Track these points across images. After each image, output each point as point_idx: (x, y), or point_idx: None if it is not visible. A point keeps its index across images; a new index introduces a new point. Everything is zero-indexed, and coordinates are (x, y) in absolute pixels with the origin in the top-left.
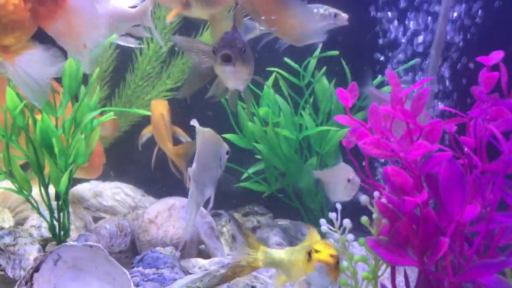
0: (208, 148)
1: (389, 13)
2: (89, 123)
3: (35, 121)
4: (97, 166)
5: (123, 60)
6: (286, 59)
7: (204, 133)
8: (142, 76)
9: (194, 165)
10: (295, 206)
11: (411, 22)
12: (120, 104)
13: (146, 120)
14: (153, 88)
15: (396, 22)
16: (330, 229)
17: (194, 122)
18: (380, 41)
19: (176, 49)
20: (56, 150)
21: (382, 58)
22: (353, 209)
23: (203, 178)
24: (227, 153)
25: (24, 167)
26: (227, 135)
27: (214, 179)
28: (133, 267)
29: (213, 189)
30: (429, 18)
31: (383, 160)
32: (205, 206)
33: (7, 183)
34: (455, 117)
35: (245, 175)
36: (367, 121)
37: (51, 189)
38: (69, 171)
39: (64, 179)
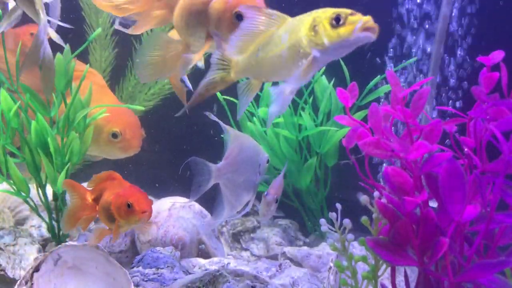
0: (244, 153)
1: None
2: (82, 120)
3: (29, 122)
4: (135, 141)
5: (123, 57)
6: None
7: (240, 137)
8: None
9: (221, 163)
10: (295, 206)
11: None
12: (121, 101)
13: (145, 118)
14: (155, 82)
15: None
16: (330, 229)
17: (209, 115)
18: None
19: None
20: (52, 149)
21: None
22: (353, 209)
23: (236, 181)
24: (268, 161)
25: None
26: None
27: (251, 185)
28: (133, 267)
29: (251, 195)
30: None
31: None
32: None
33: (6, 185)
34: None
35: None
36: (366, 120)
37: (49, 189)
38: (66, 170)
39: (61, 178)
